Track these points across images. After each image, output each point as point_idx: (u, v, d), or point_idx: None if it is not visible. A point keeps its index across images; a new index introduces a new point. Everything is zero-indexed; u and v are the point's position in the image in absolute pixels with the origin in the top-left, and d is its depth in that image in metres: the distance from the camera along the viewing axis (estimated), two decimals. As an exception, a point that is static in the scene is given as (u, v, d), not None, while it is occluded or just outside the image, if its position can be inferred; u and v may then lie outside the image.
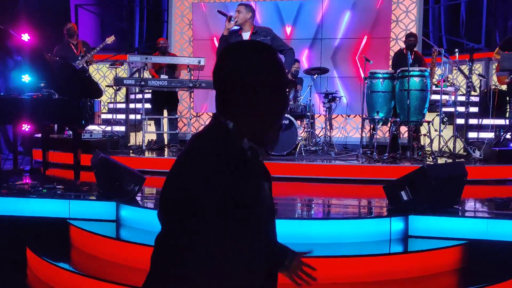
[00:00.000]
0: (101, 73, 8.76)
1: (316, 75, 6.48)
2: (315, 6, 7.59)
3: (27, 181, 4.82)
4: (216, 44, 7.54)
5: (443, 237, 3.41)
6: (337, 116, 7.35)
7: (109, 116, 7.41)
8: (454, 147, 5.94)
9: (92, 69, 8.52)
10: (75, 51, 6.63)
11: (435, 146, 5.92)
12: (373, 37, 7.42)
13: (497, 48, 6.19)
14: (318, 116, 7.21)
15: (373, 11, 7.39)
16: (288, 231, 3.33)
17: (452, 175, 3.68)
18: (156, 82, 6.00)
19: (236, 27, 4.59)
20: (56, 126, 6.60)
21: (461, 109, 6.13)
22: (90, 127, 6.32)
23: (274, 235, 1.36)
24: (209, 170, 1.05)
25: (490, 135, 6.27)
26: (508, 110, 5.80)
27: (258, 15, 7.61)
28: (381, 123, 5.88)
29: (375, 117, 5.71)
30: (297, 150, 5.89)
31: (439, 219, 3.48)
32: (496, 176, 5.21)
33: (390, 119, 5.82)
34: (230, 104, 1.13)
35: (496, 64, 6.42)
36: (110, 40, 6.66)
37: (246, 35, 4.52)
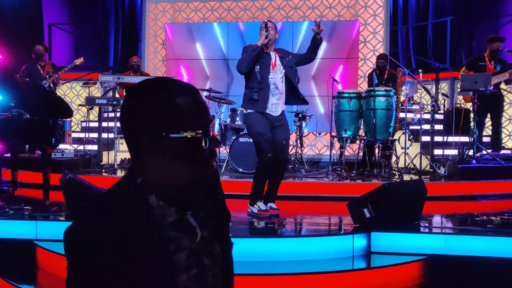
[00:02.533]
0: (75, 91, 8.75)
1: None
2: (297, 27, 7.78)
3: (-5, 201, 4.78)
4: (183, 70, 7.65)
5: (404, 253, 3.52)
6: (308, 134, 7.49)
7: (82, 135, 7.40)
8: (420, 164, 6.13)
9: (65, 87, 8.52)
10: (42, 72, 6.63)
11: (402, 163, 6.10)
12: (338, 57, 7.62)
13: (463, 68, 6.44)
14: (290, 134, 7.34)
15: (347, 35, 7.61)
16: (256, 249, 3.41)
17: (412, 193, 3.82)
18: (128, 102, 6.04)
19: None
20: (27, 145, 6.56)
21: (427, 127, 6.34)
22: (62, 146, 6.30)
23: None
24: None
25: (455, 152, 6.48)
26: (471, 128, 6.02)
27: (226, 37, 7.78)
28: (349, 141, 6.03)
29: (343, 135, 5.87)
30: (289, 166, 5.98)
31: (400, 236, 3.60)
32: (458, 192, 5.40)
33: (357, 137, 5.98)
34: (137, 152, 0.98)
35: (459, 84, 6.68)
36: (78, 61, 6.68)
37: (272, 54, 4.20)
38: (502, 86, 6.42)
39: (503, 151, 6.70)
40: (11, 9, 7.81)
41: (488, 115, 6.40)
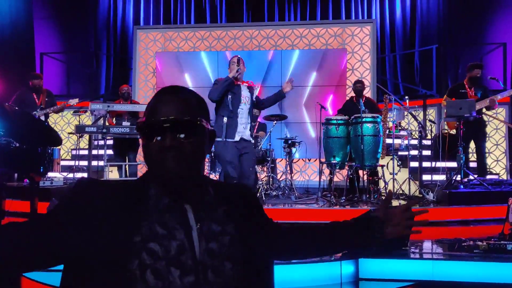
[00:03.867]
0: (66, 119, 8.77)
1: (275, 122, 6.68)
2: (269, 54, 7.92)
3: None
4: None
5: (392, 279, 3.52)
6: (298, 160, 7.54)
7: (73, 162, 7.38)
8: (409, 190, 6.17)
9: (56, 115, 8.55)
10: (36, 100, 6.66)
11: (390, 189, 6.13)
12: (326, 84, 7.74)
13: (445, 95, 6.57)
14: (280, 160, 7.38)
15: (335, 63, 7.77)
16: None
17: (398, 218, 3.84)
18: (118, 130, 6.08)
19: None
20: (16, 174, 6.52)
21: (415, 152, 6.41)
22: (51, 174, 6.28)
23: None
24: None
25: (443, 177, 6.54)
26: (458, 154, 6.09)
27: (217, 66, 7.90)
28: (338, 167, 6.07)
29: (332, 161, 5.91)
30: (258, 194, 5.99)
31: (388, 262, 3.60)
32: (447, 217, 5.43)
33: (346, 163, 6.03)
34: None
35: (445, 111, 6.79)
36: (73, 102, 6.72)
37: (243, 87, 4.55)
38: (489, 112, 6.54)
39: (490, 176, 6.78)
40: (3, 38, 7.89)
41: (472, 141, 6.49)
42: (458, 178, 5.88)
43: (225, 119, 4.37)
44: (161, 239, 1.05)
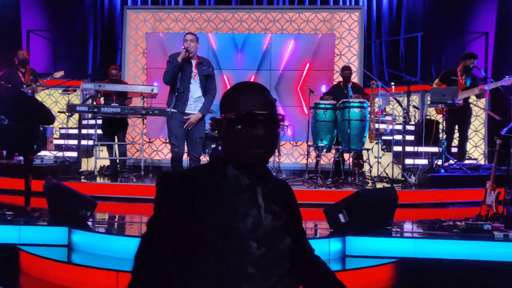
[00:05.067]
0: (53, 98, 8.74)
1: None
2: (261, 38, 8.00)
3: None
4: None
5: (377, 256, 3.72)
6: (285, 143, 7.70)
7: (61, 141, 7.41)
8: (392, 173, 6.40)
9: (43, 94, 8.51)
10: (22, 78, 6.64)
11: (375, 172, 6.35)
12: (316, 69, 7.87)
13: (437, 80, 6.74)
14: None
15: (315, 45, 7.87)
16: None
17: (384, 199, 4.05)
18: (109, 109, 6.12)
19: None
20: (5, 152, 6.54)
21: (399, 137, 6.62)
22: (41, 153, 6.31)
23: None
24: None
25: (425, 161, 6.79)
26: (440, 139, 6.32)
27: (214, 45, 7.95)
28: (325, 150, 6.25)
29: (319, 144, 6.09)
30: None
31: (373, 240, 3.80)
32: (428, 199, 5.67)
33: (333, 146, 6.21)
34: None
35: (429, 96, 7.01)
36: (58, 75, 6.73)
37: (193, 63, 4.90)
38: (471, 100, 6.76)
39: (469, 161, 7.05)
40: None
41: (456, 127, 6.72)
42: (439, 162, 6.12)
43: (176, 95, 4.80)
44: (242, 216, 1.23)
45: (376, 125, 6.23)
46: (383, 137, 6.59)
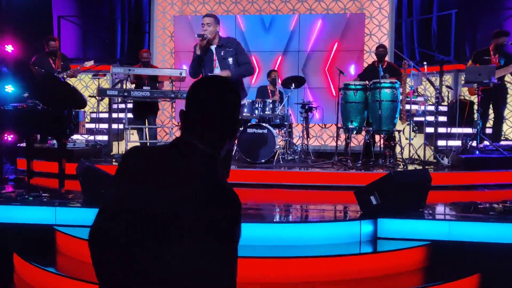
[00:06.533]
0: (83, 83, 8.88)
1: (293, 87, 6.72)
2: (288, 19, 7.88)
3: (13, 189, 4.92)
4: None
5: (409, 238, 3.65)
6: (314, 125, 7.62)
7: (92, 125, 7.54)
8: (424, 155, 6.26)
9: (74, 79, 8.65)
10: (53, 65, 6.75)
11: (406, 154, 6.23)
12: (345, 49, 7.73)
13: (470, 61, 6.54)
14: (296, 125, 7.47)
15: (343, 24, 7.71)
16: (266, 234, 3.54)
17: (417, 181, 3.95)
18: (139, 93, 6.17)
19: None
20: (39, 135, 6.70)
21: (431, 118, 6.46)
22: (74, 137, 6.44)
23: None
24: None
25: (458, 143, 6.61)
26: (475, 119, 6.14)
27: (242, 26, 7.89)
28: (355, 132, 6.16)
29: (349, 126, 5.99)
30: (275, 158, 6.12)
31: (405, 222, 3.73)
32: (462, 182, 5.52)
33: (363, 128, 6.11)
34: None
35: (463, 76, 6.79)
36: (88, 64, 6.78)
37: (213, 48, 4.33)
38: (507, 78, 6.53)
39: (505, 142, 6.83)
40: (21, 2, 7.92)
41: (491, 107, 6.50)
42: (474, 143, 5.95)
43: None
44: None
45: (408, 106, 6.09)
46: (415, 118, 6.44)
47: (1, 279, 3.69)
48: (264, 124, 6.14)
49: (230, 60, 4.28)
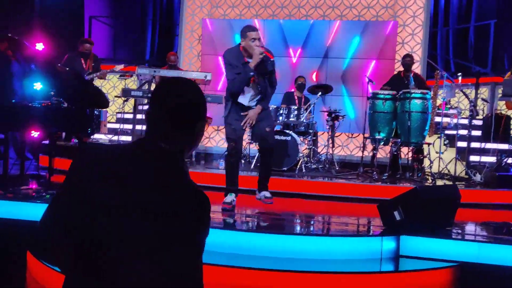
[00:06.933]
0: (111, 83, 8.94)
1: (320, 94, 6.55)
2: (326, 28, 7.73)
3: (32, 186, 4.93)
4: (221, 61, 7.71)
5: (434, 258, 3.44)
6: (340, 134, 7.42)
7: (117, 125, 7.55)
8: (455, 170, 5.97)
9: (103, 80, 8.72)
10: (84, 65, 6.79)
11: (435, 168, 5.95)
12: (380, 58, 7.52)
13: (509, 73, 6.23)
14: (322, 134, 7.29)
15: (381, 36, 7.52)
16: (286, 246, 3.41)
17: (445, 197, 3.73)
18: (163, 95, 6.12)
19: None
20: (63, 133, 6.74)
21: (464, 132, 6.18)
22: (97, 136, 6.45)
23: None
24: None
25: (492, 159, 6.29)
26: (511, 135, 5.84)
27: (263, 34, 7.78)
28: (382, 143, 5.94)
29: (377, 137, 5.78)
30: (298, 166, 5.95)
31: (431, 240, 3.51)
32: (495, 200, 5.23)
33: (391, 139, 5.88)
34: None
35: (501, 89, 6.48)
36: (118, 68, 6.77)
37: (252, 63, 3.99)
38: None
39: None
40: (54, 1, 8.04)
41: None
42: (510, 160, 5.64)
43: (232, 100, 4.12)
44: None
45: (439, 118, 5.83)
46: (446, 131, 6.17)
47: (15, 277, 3.66)
48: (288, 131, 5.99)
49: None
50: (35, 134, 5.64)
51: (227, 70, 4.13)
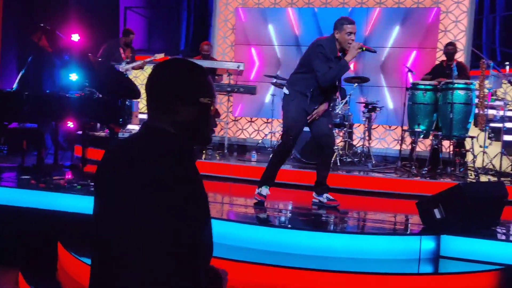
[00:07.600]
0: (146, 74, 8.97)
1: (356, 84, 6.32)
2: (364, 16, 7.45)
3: (65, 176, 4.97)
4: (254, 51, 7.56)
5: (477, 260, 3.23)
6: (377, 127, 7.17)
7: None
8: (500, 165, 5.64)
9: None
10: (123, 54, 6.81)
11: (479, 163, 5.64)
12: (421, 47, 7.20)
13: None
14: (358, 126, 7.06)
15: (423, 24, 7.19)
16: (320, 243, 3.30)
17: (490, 195, 3.49)
18: (195, 85, 6.06)
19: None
20: (98, 124, 6.80)
21: (510, 125, 5.82)
22: (130, 127, 6.45)
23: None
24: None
25: (542, 154, 5.91)
26: None
27: (297, 24, 7.58)
28: (421, 136, 5.67)
29: (416, 129, 5.52)
30: (333, 159, 5.76)
31: (474, 241, 3.30)
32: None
33: (431, 132, 5.61)
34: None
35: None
36: (159, 57, 6.73)
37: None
38: None
39: None
40: (90, -8, 8.11)
41: None
42: (561, 156, 5.27)
43: (311, 91, 3.92)
44: None
45: (484, 110, 5.50)
46: (492, 124, 5.83)
47: (46, 267, 3.69)
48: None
49: None
50: (70, 124, 5.70)
51: (319, 62, 3.85)
